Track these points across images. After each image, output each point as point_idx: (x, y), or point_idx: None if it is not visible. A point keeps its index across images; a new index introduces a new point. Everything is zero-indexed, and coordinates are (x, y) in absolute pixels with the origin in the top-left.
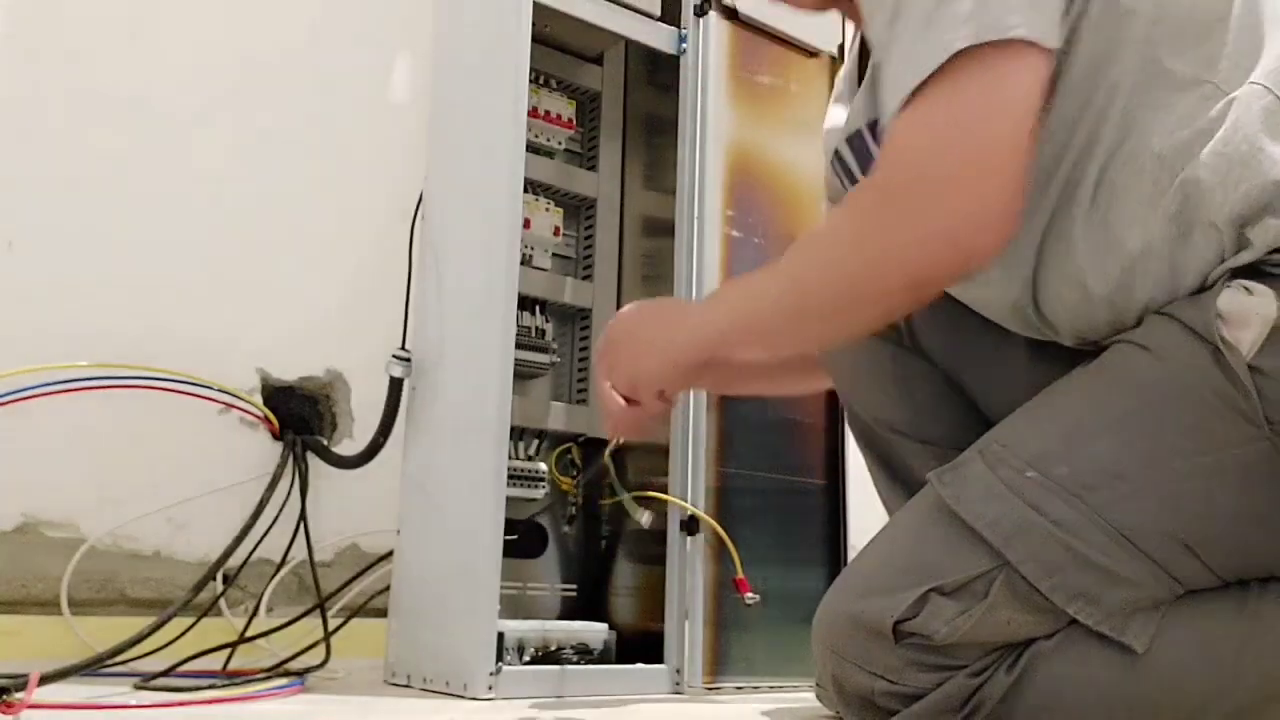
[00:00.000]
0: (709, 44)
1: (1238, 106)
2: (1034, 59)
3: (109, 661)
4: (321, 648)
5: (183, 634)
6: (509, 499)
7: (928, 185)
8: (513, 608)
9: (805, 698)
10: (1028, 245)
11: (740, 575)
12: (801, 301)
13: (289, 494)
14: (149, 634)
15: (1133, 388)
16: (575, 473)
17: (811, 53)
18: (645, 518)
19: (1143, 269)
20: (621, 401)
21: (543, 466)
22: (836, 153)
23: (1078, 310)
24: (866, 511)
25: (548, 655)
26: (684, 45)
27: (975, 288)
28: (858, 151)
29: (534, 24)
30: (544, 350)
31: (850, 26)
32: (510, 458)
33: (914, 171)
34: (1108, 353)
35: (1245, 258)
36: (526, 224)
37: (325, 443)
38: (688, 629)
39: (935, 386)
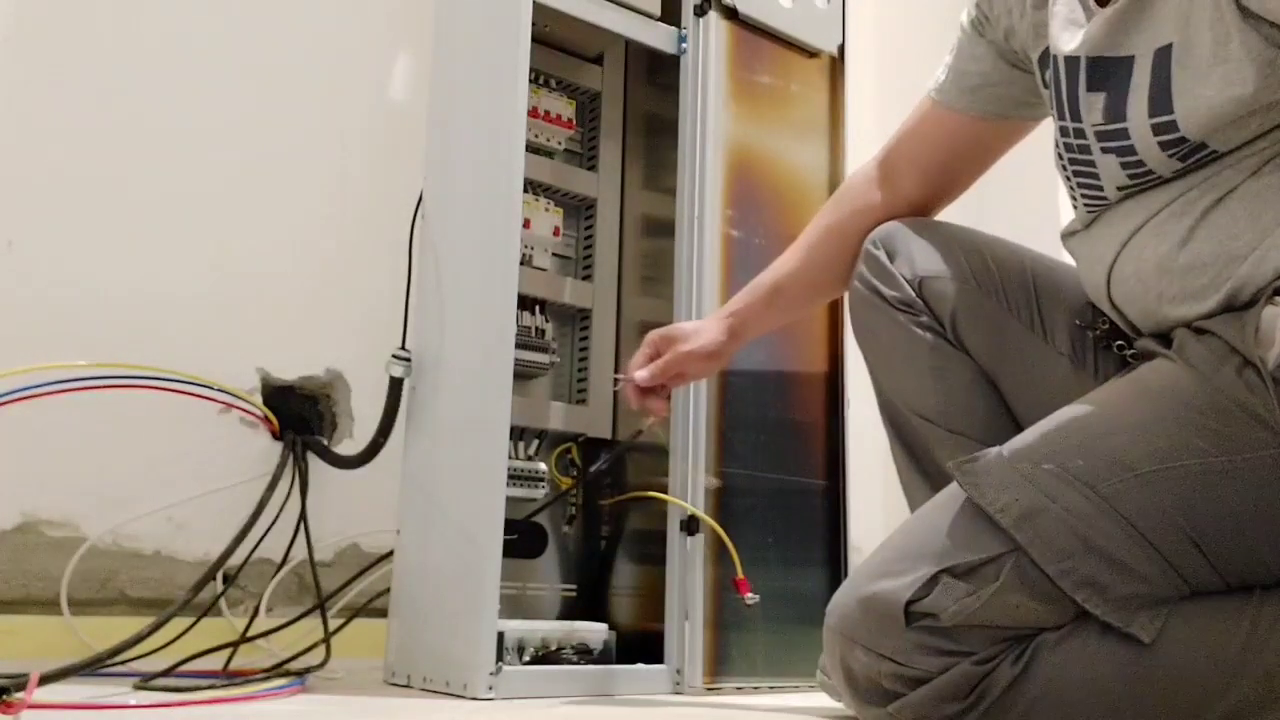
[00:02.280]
0: (709, 44)
1: None
2: None
3: (109, 661)
4: (321, 648)
5: (183, 634)
6: (509, 499)
7: None
8: (513, 608)
9: (806, 698)
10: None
11: (740, 575)
12: None
13: (289, 494)
14: (149, 634)
15: (1155, 394)
16: (575, 473)
17: (811, 53)
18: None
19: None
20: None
21: (543, 466)
22: (1058, 61)
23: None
24: (866, 511)
25: (548, 655)
26: (684, 45)
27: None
28: (1081, 74)
29: (534, 24)
30: (544, 350)
31: None
32: (510, 458)
33: None
34: (1139, 367)
35: None
36: (526, 224)
37: (325, 443)
38: (688, 629)
39: (970, 380)
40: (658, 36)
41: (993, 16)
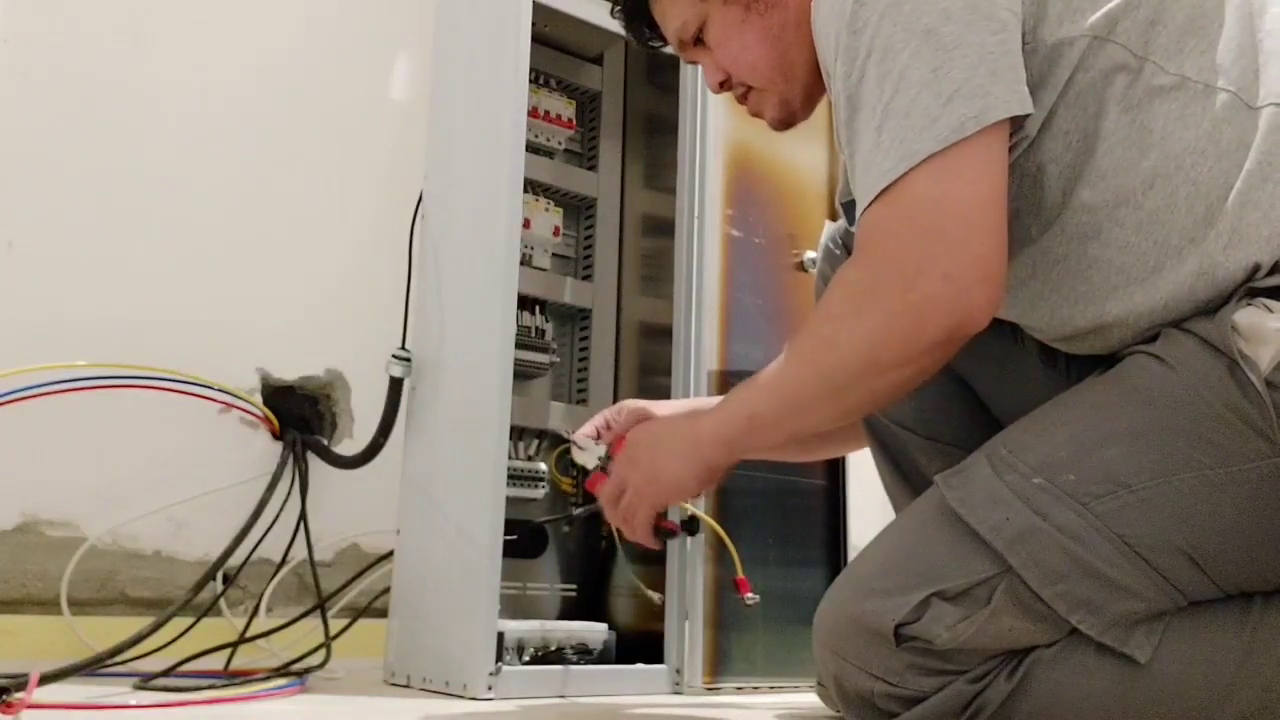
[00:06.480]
0: None
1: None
2: (995, 131)
3: (109, 661)
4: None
5: (183, 634)
6: (509, 499)
7: (909, 260)
8: (513, 608)
9: (805, 698)
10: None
11: (740, 575)
12: (819, 382)
13: (289, 494)
14: (149, 634)
15: (1145, 398)
16: (574, 473)
17: None
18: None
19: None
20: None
21: (543, 466)
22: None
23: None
24: (866, 511)
25: (548, 655)
26: None
27: None
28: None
29: (534, 24)
30: (544, 350)
31: None
32: (510, 458)
33: (892, 250)
34: (1122, 363)
35: (1271, 280)
36: (526, 224)
37: (325, 443)
38: (688, 629)
39: (945, 385)
40: None
41: None
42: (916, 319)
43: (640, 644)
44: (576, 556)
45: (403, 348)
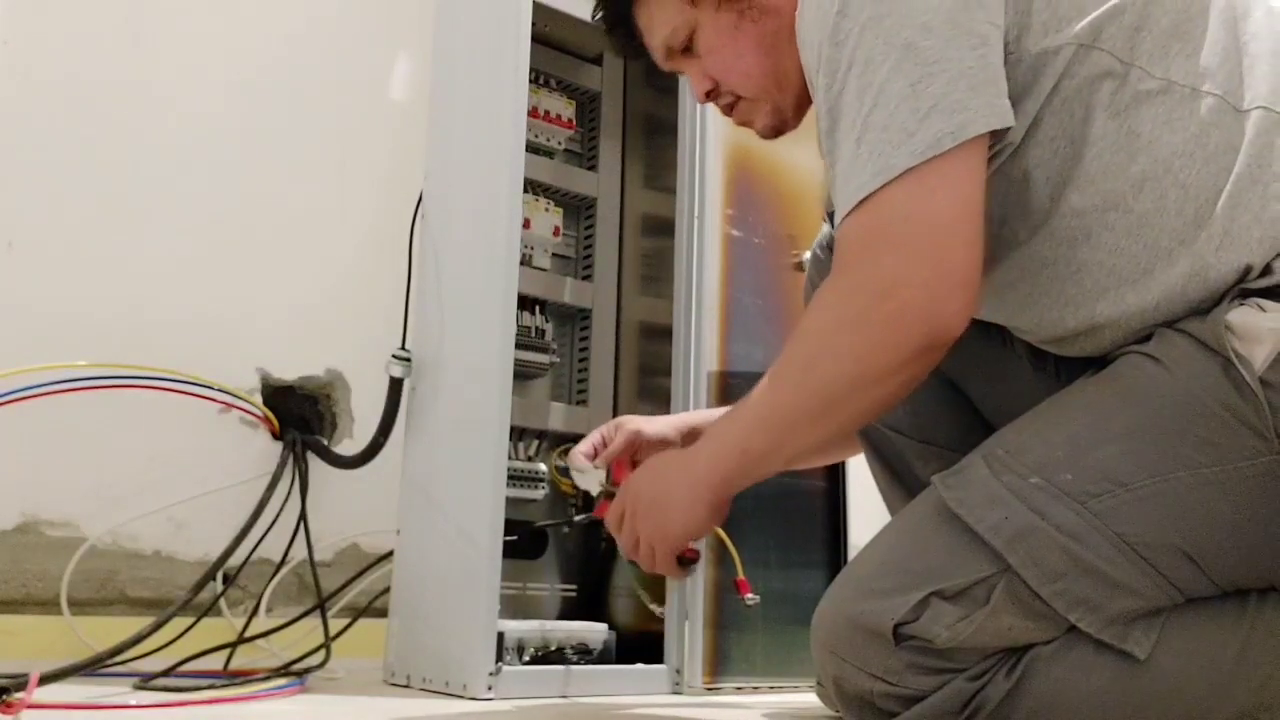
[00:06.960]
0: None
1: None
2: (973, 145)
3: (109, 661)
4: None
5: (183, 634)
6: (509, 499)
7: (886, 271)
8: (513, 608)
9: (805, 698)
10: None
11: (741, 576)
12: (806, 403)
13: (289, 494)
14: (149, 634)
15: (1140, 398)
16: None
17: None
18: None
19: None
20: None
21: (543, 467)
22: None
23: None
24: (866, 511)
25: (548, 655)
26: None
27: None
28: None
29: (534, 24)
30: (544, 350)
31: None
32: (510, 458)
33: (869, 262)
34: (1116, 363)
35: (1263, 282)
36: (526, 224)
37: (325, 443)
38: (688, 629)
39: (937, 389)
40: None
41: None
42: (897, 328)
43: (640, 644)
44: (576, 557)
45: (403, 348)
